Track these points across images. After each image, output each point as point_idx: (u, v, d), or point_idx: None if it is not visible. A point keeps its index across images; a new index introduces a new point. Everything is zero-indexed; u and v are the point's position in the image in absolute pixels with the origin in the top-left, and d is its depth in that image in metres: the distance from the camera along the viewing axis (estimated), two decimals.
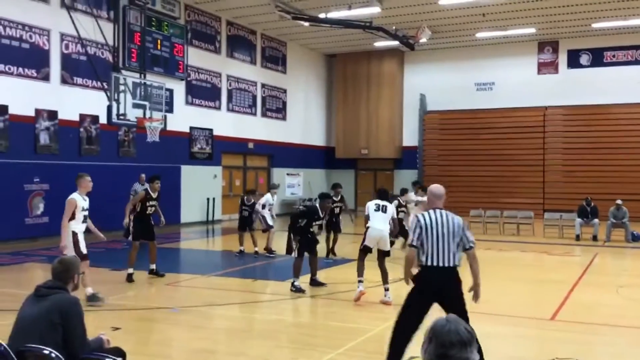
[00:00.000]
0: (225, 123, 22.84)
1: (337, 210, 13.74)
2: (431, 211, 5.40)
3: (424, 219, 5.34)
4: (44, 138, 16.01)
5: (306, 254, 9.85)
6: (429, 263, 5.30)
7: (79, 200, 8.55)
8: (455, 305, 5.24)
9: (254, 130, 24.40)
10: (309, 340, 6.95)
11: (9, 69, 15.08)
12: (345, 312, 8.36)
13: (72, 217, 8.42)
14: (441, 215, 5.34)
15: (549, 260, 14.19)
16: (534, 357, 6.10)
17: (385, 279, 8.94)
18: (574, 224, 17.79)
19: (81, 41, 15.56)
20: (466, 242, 5.39)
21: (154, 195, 10.86)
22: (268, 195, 14.03)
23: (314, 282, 9.99)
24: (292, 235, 9.88)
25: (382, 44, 25.89)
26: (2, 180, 14.75)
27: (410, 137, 28.49)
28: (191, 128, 21.17)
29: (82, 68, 16.72)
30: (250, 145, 24.28)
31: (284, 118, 26.56)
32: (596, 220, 17.47)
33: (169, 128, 16.67)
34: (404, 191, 14.68)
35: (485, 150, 26.28)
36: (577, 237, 17.36)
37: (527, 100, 26.04)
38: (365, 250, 9.08)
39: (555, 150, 25.61)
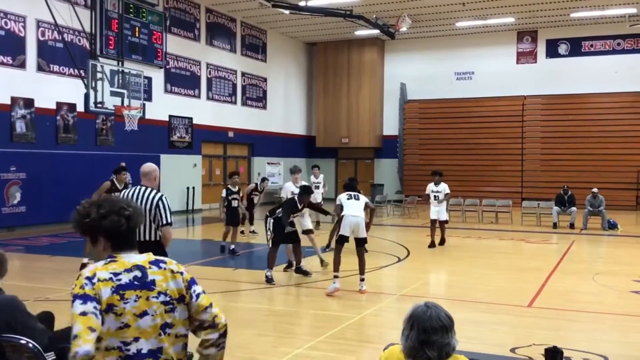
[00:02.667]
0: (205, 112, 22.69)
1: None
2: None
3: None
4: (20, 126, 15.77)
5: (289, 245, 9.88)
6: None
7: None
8: None
9: (234, 119, 24.29)
10: (290, 328, 6.97)
11: None
12: (326, 300, 8.38)
13: None
14: (139, 191, 5.66)
15: (526, 248, 14.36)
16: (511, 343, 6.17)
17: (362, 269, 8.83)
18: (551, 212, 18.01)
19: (58, 28, 15.32)
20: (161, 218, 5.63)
21: (120, 186, 10.29)
22: (289, 184, 11.93)
23: (299, 271, 9.98)
24: (267, 224, 9.74)
25: (362, 32, 25.88)
26: None
27: (390, 126, 28.56)
28: (170, 117, 21.00)
29: (59, 55, 16.47)
30: (231, 134, 24.17)
31: (264, 107, 26.46)
32: (573, 209, 17.70)
33: (147, 116, 16.54)
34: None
35: (465, 139, 26.45)
36: (555, 225, 17.58)
37: (506, 89, 26.22)
38: (341, 241, 8.87)
39: (533, 139, 25.85)
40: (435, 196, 13.72)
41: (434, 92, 27.46)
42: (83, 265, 10.00)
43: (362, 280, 8.81)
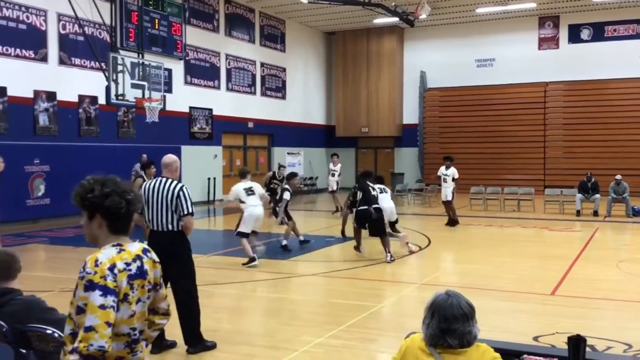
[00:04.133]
0: (225, 103, 22.76)
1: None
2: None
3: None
4: (43, 119, 15.97)
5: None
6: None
7: None
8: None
9: (254, 109, 24.33)
10: (311, 317, 7.00)
11: (7, 50, 14.99)
12: (347, 289, 8.41)
13: None
14: (160, 182, 5.77)
15: (549, 235, 14.23)
16: (534, 331, 6.14)
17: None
18: (574, 199, 17.80)
19: (78, 21, 15.43)
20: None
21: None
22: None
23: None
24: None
25: (381, 20, 25.70)
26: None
27: (410, 115, 28.40)
28: (191, 108, 21.11)
29: (80, 48, 16.62)
30: (250, 124, 24.22)
31: (283, 97, 26.46)
32: (597, 196, 17.48)
33: (168, 108, 16.61)
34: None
35: (486, 127, 26.22)
36: (578, 213, 17.39)
37: (527, 76, 25.91)
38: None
39: (556, 126, 25.55)
40: (444, 179, 15.27)
41: (454, 80, 27.23)
42: None
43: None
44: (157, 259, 2.78)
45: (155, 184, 5.78)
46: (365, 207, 10.43)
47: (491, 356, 2.63)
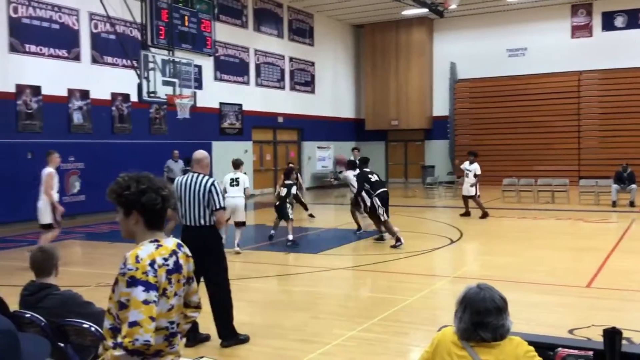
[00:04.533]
0: (254, 98, 22.86)
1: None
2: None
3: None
4: (77, 117, 16.25)
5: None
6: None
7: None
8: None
9: (283, 104, 24.39)
10: (342, 310, 7.01)
11: (41, 50, 15.28)
12: (378, 283, 8.40)
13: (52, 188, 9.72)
14: (191, 178, 5.81)
15: (584, 227, 13.99)
16: (569, 324, 6.05)
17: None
18: (610, 190, 17.46)
19: (110, 20, 15.66)
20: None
21: None
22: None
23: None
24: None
25: (410, 12, 25.51)
26: (39, 160, 15.01)
27: (440, 107, 28.15)
28: (221, 104, 21.26)
29: (112, 47, 16.86)
30: (280, 119, 24.30)
31: (312, 91, 26.47)
32: (633, 186, 17.13)
33: (198, 104, 16.77)
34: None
35: (518, 118, 25.85)
36: (614, 204, 17.06)
37: (560, 65, 25.45)
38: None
39: (590, 115, 25.06)
40: (466, 174, 15.47)
41: (485, 71, 26.90)
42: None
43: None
44: (189, 254, 2.83)
45: (187, 179, 5.85)
46: (384, 189, 11.41)
47: (524, 350, 2.60)
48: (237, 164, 11.26)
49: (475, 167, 15.27)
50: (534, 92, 25.69)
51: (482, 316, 2.58)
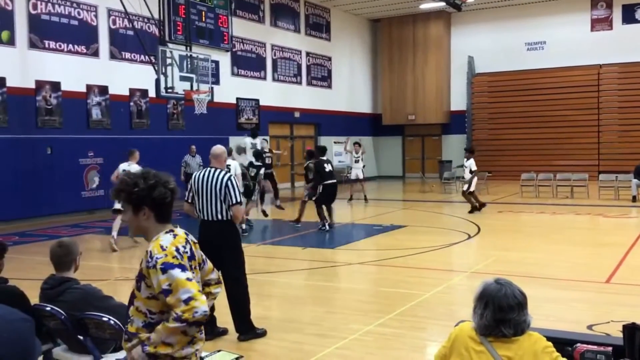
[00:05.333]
0: (271, 93, 22.89)
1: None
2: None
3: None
4: (96, 113, 16.39)
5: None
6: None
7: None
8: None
9: (300, 99, 24.39)
10: (360, 305, 7.01)
11: (60, 46, 15.42)
12: (395, 278, 8.39)
13: None
14: (209, 172, 5.86)
15: (604, 222, 13.85)
16: (589, 320, 6.00)
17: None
18: (630, 185, 17.26)
19: (128, 16, 15.75)
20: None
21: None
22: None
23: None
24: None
25: (428, 5, 25.36)
26: (58, 155, 15.23)
27: (458, 101, 27.98)
28: (238, 99, 21.31)
29: (130, 43, 16.96)
30: (297, 114, 24.31)
31: (329, 86, 26.44)
32: None
33: (215, 100, 16.81)
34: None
35: (537, 112, 25.61)
36: (634, 199, 16.86)
37: (580, 58, 25.16)
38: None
39: (610, 109, 24.76)
40: (464, 169, 15.83)
41: (503, 64, 26.67)
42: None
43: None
44: (195, 240, 2.89)
45: (204, 174, 5.88)
46: (333, 181, 12.39)
47: (543, 345, 2.59)
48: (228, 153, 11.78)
49: (471, 164, 15.35)
50: (552, 86, 25.43)
51: (504, 313, 2.57)
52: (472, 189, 15.28)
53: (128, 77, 17.10)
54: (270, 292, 7.78)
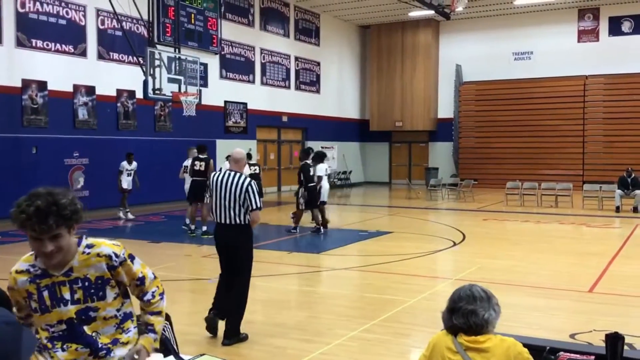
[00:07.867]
0: (260, 97, 22.87)
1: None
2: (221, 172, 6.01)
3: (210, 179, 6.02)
4: (82, 113, 16.29)
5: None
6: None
7: None
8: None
9: (288, 103, 24.40)
10: (344, 311, 7.01)
11: (47, 45, 15.32)
12: (380, 284, 8.40)
13: None
14: (229, 176, 5.84)
15: (588, 232, 13.98)
16: (571, 329, 6.05)
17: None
18: (614, 195, 17.44)
19: (116, 16, 15.70)
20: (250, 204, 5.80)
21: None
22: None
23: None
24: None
25: (417, 13, 25.50)
26: (43, 155, 15.10)
27: (445, 109, 28.15)
28: (226, 102, 21.28)
29: (118, 43, 16.89)
30: (285, 118, 24.31)
31: (317, 91, 26.48)
32: (637, 192, 17.09)
33: (203, 102, 16.79)
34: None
35: (523, 121, 25.82)
36: (617, 209, 17.04)
37: (566, 69, 25.43)
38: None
39: (595, 120, 25.02)
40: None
41: (490, 73, 26.87)
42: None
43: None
44: None
45: (223, 177, 5.85)
46: (313, 184, 12.75)
47: (517, 351, 2.61)
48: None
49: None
50: (539, 96, 25.66)
51: (455, 302, 2.67)
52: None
53: (115, 77, 17.01)
54: (255, 296, 7.74)
